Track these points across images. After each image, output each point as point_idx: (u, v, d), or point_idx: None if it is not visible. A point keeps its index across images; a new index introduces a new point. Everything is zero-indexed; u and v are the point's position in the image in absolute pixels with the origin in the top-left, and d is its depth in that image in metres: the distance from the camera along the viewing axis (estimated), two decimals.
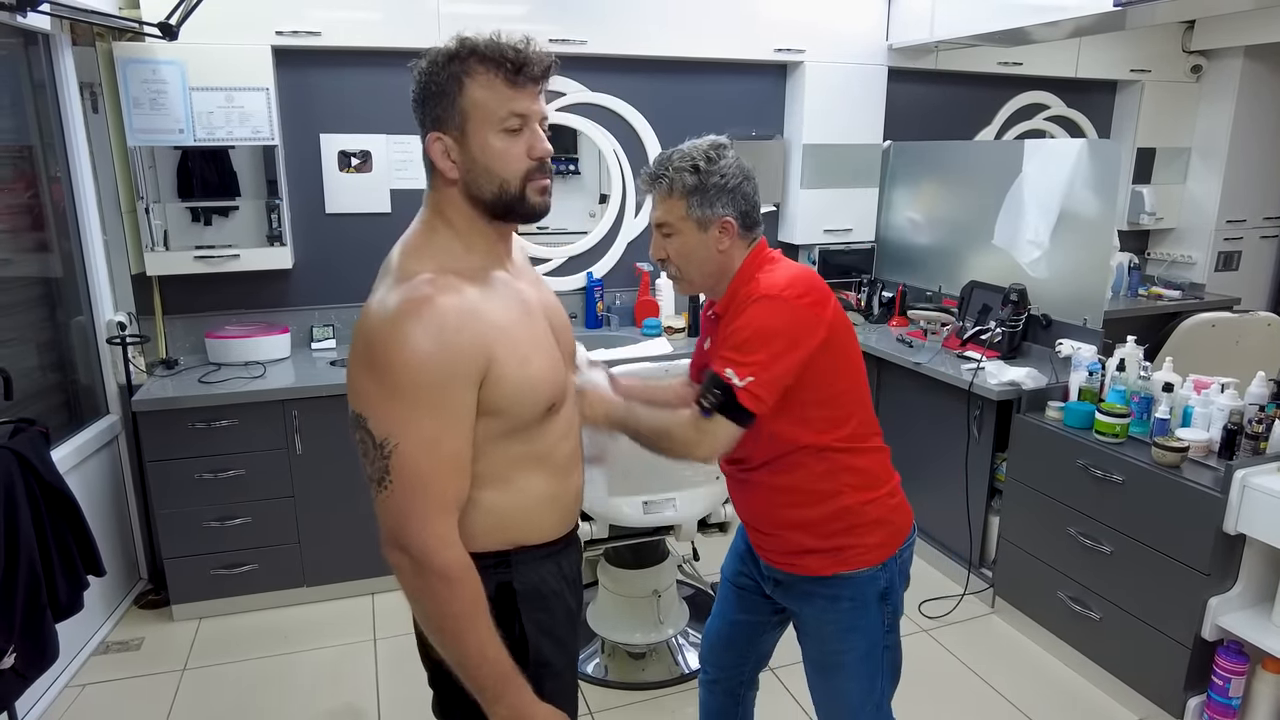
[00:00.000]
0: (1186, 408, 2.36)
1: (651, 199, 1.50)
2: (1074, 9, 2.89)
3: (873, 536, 1.51)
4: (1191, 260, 4.42)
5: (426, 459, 1.05)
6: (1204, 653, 2.18)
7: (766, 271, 1.46)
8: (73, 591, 2.11)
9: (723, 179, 1.44)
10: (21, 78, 2.62)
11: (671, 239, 1.48)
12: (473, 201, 1.13)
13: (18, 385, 2.12)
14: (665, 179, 1.45)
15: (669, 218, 1.47)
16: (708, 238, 1.46)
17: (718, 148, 1.47)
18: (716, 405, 1.38)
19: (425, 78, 1.10)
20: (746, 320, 1.39)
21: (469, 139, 1.10)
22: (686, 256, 1.48)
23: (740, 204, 1.46)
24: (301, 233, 3.19)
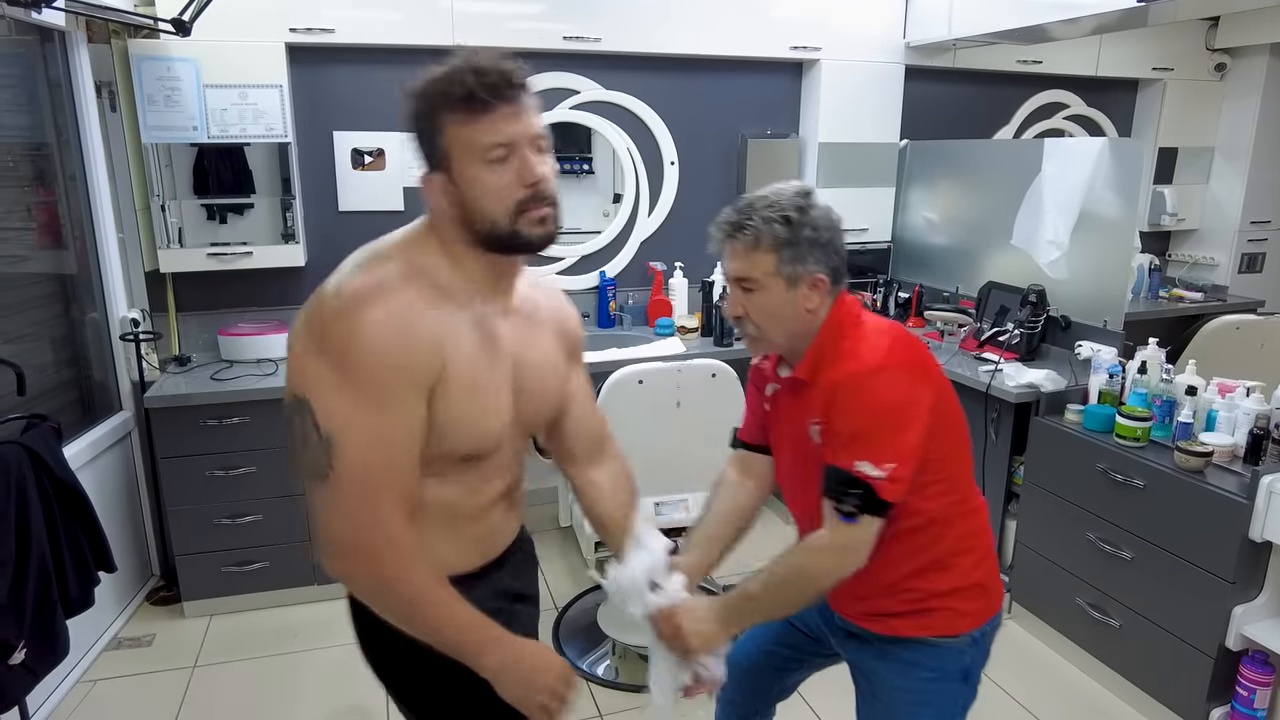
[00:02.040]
0: (1210, 411, 2.31)
1: (727, 250, 1.34)
2: (1095, 5, 2.84)
3: (970, 602, 1.39)
4: (1214, 262, 4.35)
5: (380, 454, 1.00)
6: (1228, 663, 2.13)
7: (858, 335, 1.33)
8: (84, 587, 2.11)
9: (815, 231, 1.30)
10: (38, 76, 2.63)
11: (753, 295, 1.32)
12: (470, 233, 1.07)
13: (31, 381, 2.13)
14: (750, 230, 1.29)
15: (754, 273, 1.31)
16: (795, 295, 1.31)
17: (806, 195, 1.32)
18: (860, 507, 1.24)
19: (409, 119, 1.06)
20: (865, 402, 1.26)
21: (457, 176, 1.04)
22: (771, 316, 1.33)
23: (832, 259, 1.32)
24: (314, 230, 3.19)
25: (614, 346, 3.18)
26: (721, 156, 3.67)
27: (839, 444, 1.27)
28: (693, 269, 3.61)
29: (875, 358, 1.28)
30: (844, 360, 1.30)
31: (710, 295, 3.47)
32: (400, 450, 1.02)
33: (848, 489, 1.25)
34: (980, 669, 1.45)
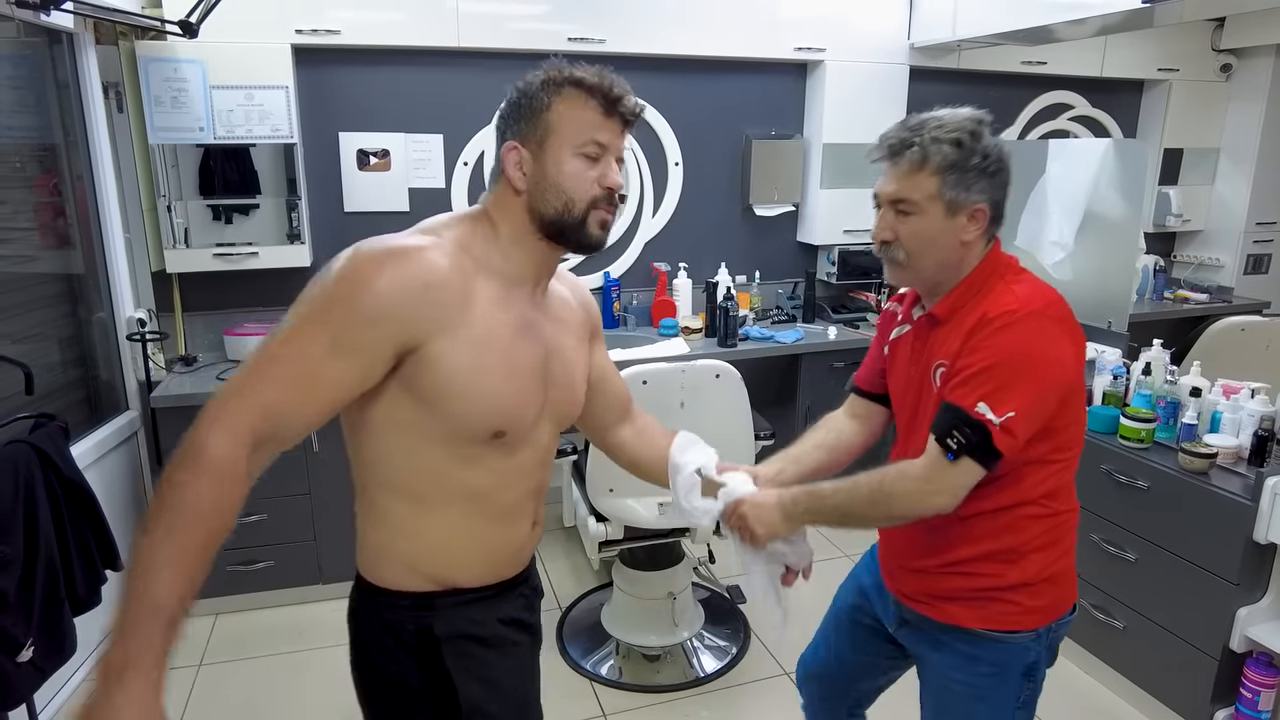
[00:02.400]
0: (1215, 413, 2.30)
1: (887, 168, 1.26)
2: (1100, 6, 2.84)
3: (1037, 598, 1.31)
4: (1219, 263, 4.34)
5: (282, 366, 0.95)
6: (1232, 664, 2.13)
7: (1017, 280, 1.25)
8: (91, 586, 2.12)
9: (984, 160, 1.23)
10: (46, 77, 2.64)
11: (909, 219, 1.24)
12: (533, 215, 1.09)
13: (39, 381, 2.14)
14: (917, 148, 1.22)
15: (914, 194, 1.23)
16: (954, 224, 1.23)
17: (981, 122, 1.25)
18: (967, 447, 1.16)
19: (519, 92, 1.10)
20: (1004, 342, 1.17)
21: (545, 154, 1.08)
22: (925, 242, 1.24)
23: (997, 192, 1.26)
24: (320, 231, 3.20)
25: (618, 347, 3.19)
26: (726, 157, 3.67)
27: (962, 379, 1.19)
28: (697, 270, 3.62)
29: (1034, 303, 1.20)
30: (997, 299, 1.22)
31: (714, 296, 3.48)
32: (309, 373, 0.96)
33: (960, 425, 1.17)
34: (1046, 665, 1.37)
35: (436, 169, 3.27)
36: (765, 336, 3.41)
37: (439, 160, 3.26)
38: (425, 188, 3.26)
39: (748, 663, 2.62)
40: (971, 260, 1.28)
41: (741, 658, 2.64)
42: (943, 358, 1.27)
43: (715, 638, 2.71)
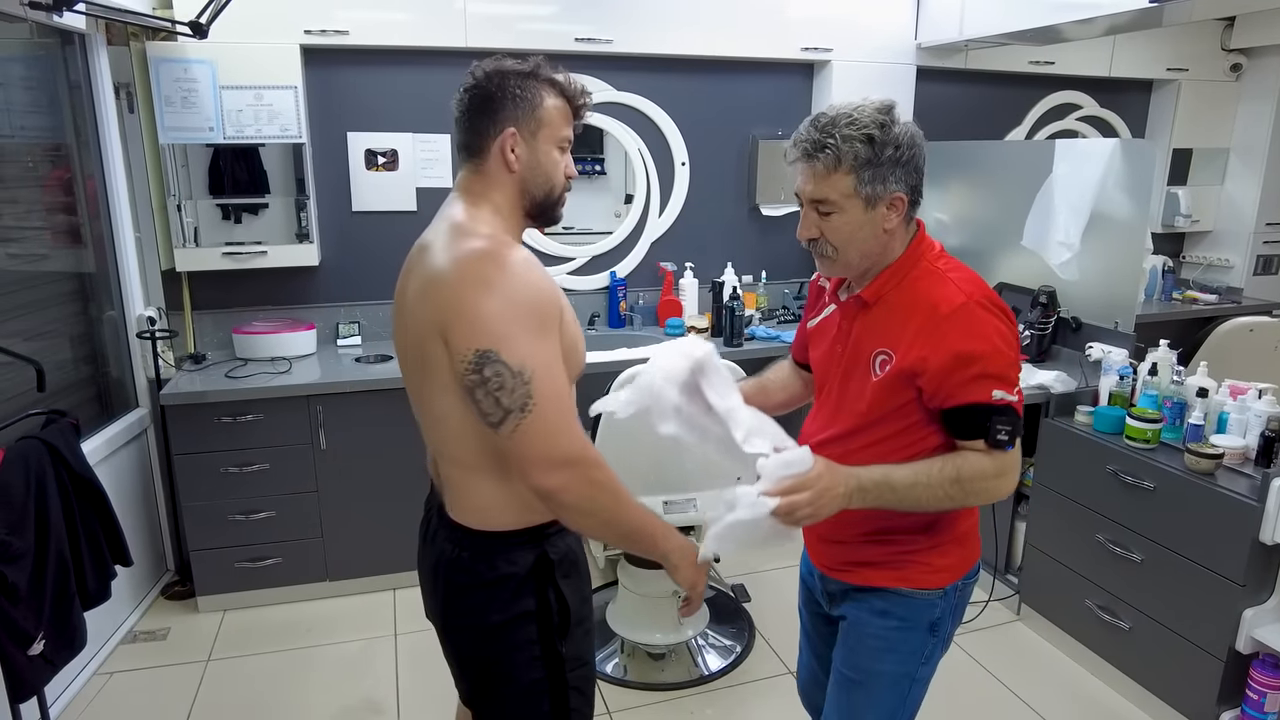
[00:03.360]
0: (1222, 414, 2.30)
1: (803, 170, 1.29)
2: (1108, 6, 2.83)
3: (944, 558, 1.40)
4: (1229, 264, 4.31)
5: (559, 378, 1.16)
6: (1238, 666, 2.12)
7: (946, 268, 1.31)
8: (101, 581, 2.15)
9: (897, 150, 1.25)
10: (58, 78, 2.67)
11: (831, 218, 1.29)
12: (523, 194, 1.27)
13: (51, 378, 2.16)
14: (831, 150, 1.24)
15: (831, 194, 1.27)
16: (874, 215, 1.28)
17: (888, 111, 1.27)
18: (1013, 432, 1.26)
19: (505, 83, 1.24)
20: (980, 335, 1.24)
21: (537, 144, 1.26)
22: (848, 237, 1.29)
23: (912, 177, 1.29)
24: (328, 230, 3.22)
25: (624, 346, 3.20)
26: (732, 157, 3.67)
27: (967, 379, 1.24)
28: (703, 269, 3.62)
29: (977, 293, 1.27)
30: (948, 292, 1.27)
31: (720, 295, 3.48)
32: (563, 372, 1.18)
33: (996, 419, 1.24)
34: (952, 623, 1.46)
35: (444, 169, 3.28)
36: (771, 336, 3.42)
37: (446, 160, 3.28)
38: (433, 187, 3.28)
39: (752, 661, 2.63)
40: (896, 246, 1.34)
41: (746, 656, 2.65)
42: (884, 346, 1.31)
43: (720, 636, 2.71)
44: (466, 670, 1.34)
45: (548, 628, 1.27)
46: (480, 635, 1.28)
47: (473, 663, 1.31)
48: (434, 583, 1.34)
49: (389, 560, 3.00)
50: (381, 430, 2.84)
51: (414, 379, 1.26)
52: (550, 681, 1.29)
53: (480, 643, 1.28)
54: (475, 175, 1.28)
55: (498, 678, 1.29)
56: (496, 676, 1.29)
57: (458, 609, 1.29)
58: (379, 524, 2.95)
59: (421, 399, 1.26)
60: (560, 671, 1.29)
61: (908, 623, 1.41)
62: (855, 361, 1.36)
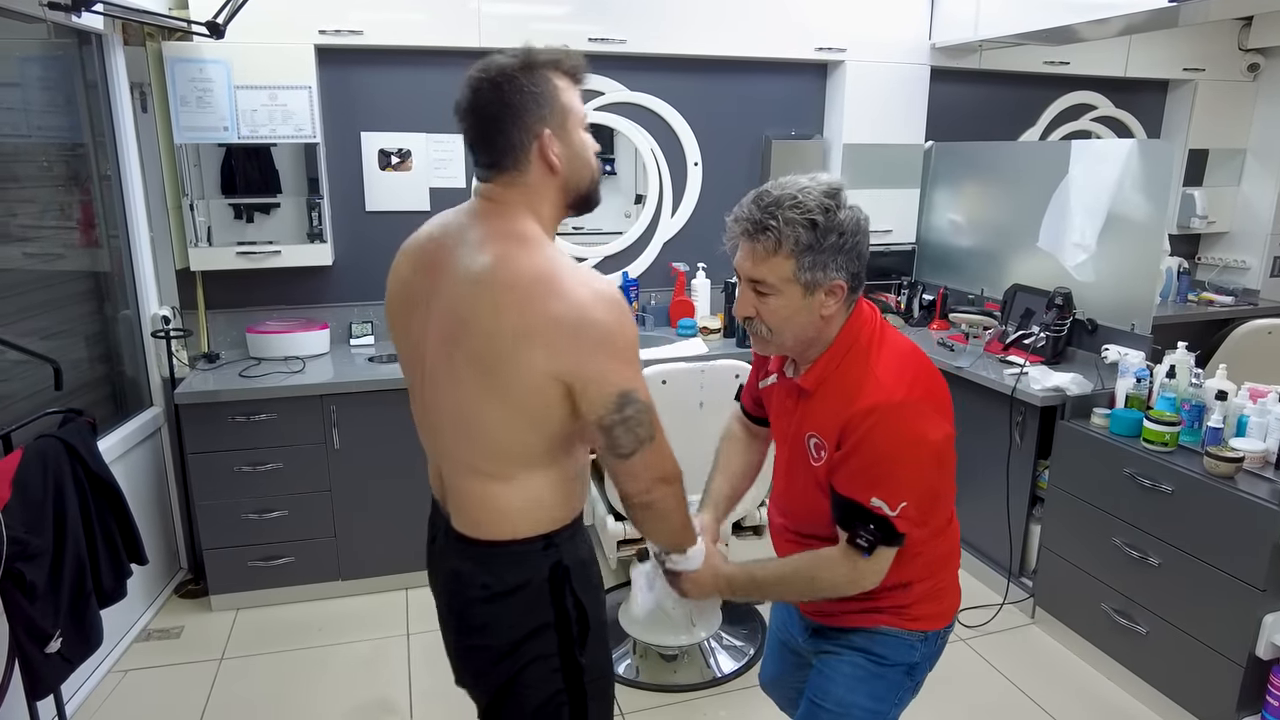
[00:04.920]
0: (1241, 417, 2.28)
1: (744, 248, 1.27)
2: (1124, 6, 2.81)
3: (924, 610, 1.41)
4: (1245, 265, 4.28)
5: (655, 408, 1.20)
6: (1258, 671, 2.10)
7: (879, 357, 1.28)
8: (117, 579, 2.15)
9: (840, 237, 1.21)
10: (75, 78, 2.68)
11: (768, 299, 1.26)
12: (567, 192, 1.23)
13: (67, 377, 2.17)
14: (772, 232, 1.21)
15: (770, 276, 1.24)
16: (812, 301, 1.24)
17: (834, 195, 1.23)
18: (876, 541, 1.24)
19: (517, 85, 1.16)
20: (886, 437, 1.21)
21: (569, 134, 1.20)
22: (784, 320, 1.26)
23: (854, 264, 1.25)
24: (341, 230, 3.23)
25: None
26: (745, 157, 3.67)
27: (853, 475, 1.24)
28: (715, 270, 3.61)
29: (900, 391, 1.23)
30: (865, 386, 1.24)
31: (733, 296, 3.47)
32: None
33: (864, 524, 1.24)
34: (926, 670, 1.45)
35: (457, 169, 3.29)
36: None
37: (460, 160, 3.28)
38: (446, 187, 3.28)
39: None
40: (832, 330, 1.30)
41: (759, 658, 2.63)
42: (814, 430, 1.32)
43: (732, 638, 2.70)
44: (484, 685, 1.30)
45: (567, 638, 1.26)
46: (498, 649, 1.25)
47: (491, 678, 1.28)
48: (448, 602, 1.32)
49: (401, 560, 3.00)
50: (394, 430, 2.84)
51: (452, 392, 1.20)
52: (570, 693, 1.27)
53: (498, 657, 1.25)
54: (511, 186, 1.20)
55: (517, 692, 1.26)
56: (516, 691, 1.26)
57: (474, 625, 1.27)
58: (391, 524, 2.96)
59: (465, 414, 1.19)
60: (579, 681, 1.28)
61: (886, 661, 1.40)
62: (797, 444, 1.37)
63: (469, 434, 1.21)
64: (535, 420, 1.17)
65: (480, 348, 1.14)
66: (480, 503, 1.24)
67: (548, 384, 1.13)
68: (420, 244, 1.29)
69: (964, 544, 3.15)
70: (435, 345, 1.21)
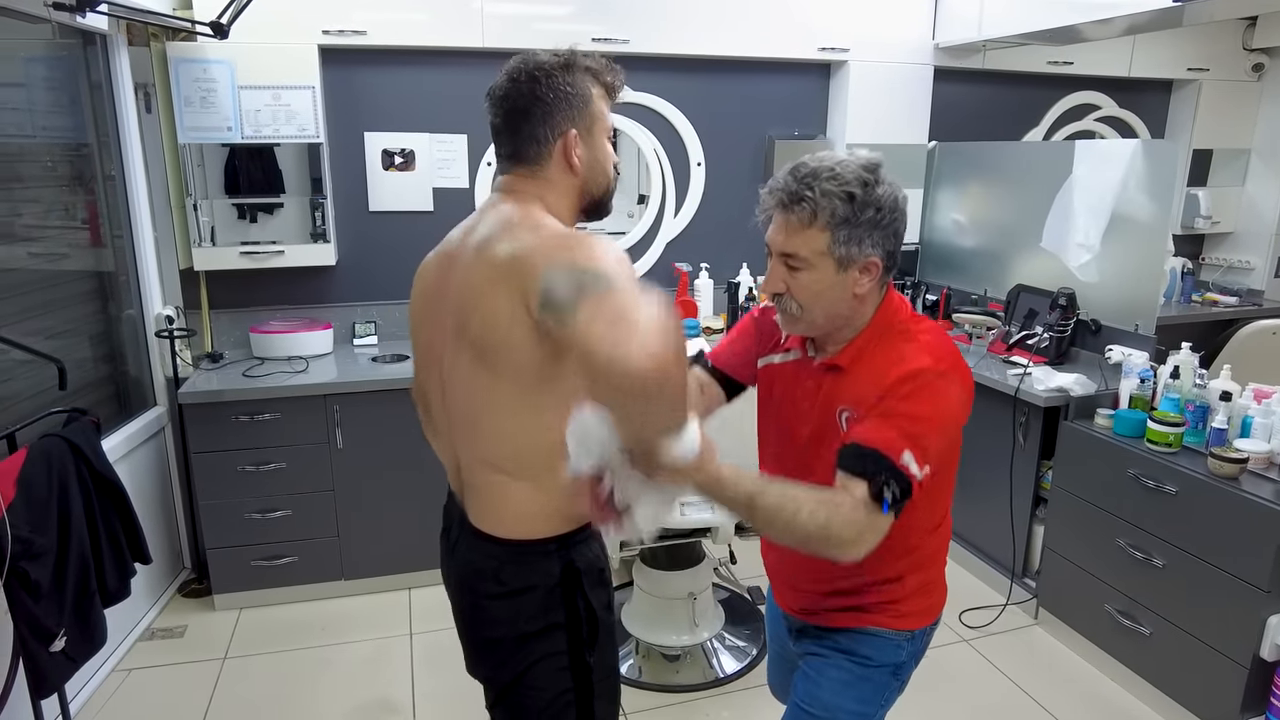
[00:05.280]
0: (1246, 418, 2.27)
1: (778, 219, 1.22)
2: (1128, 6, 2.80)
3: (912, 607, 1.39)
4: (1250, 265, 4.27)
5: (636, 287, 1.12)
6: (1263, 673, 2.10)
7: (919, 330, 1.25)
8: (121, 578, 2.16)
9: (878, 213, 1.18)
10: (79, 78, 2.69)
11: (799, 274, 1.21)
12: (583, 195, 1.26)
13: (71, 376, 2.17)
14: (808, 203, 1.17)
15: (804, 249, 1.19)
16: (845, 278, 1.20)
17: (873, 170, 1.20)
18: (901, 501, 1.14)
19: (553, 82, 1.19)
20: (930, 401, 1.17)
21: (593, 140, 1.24)
22: (816, 296, 1.21)
23: (890, 242, 1.21)
24: (345, 230, 3.23)
25: None
26: (748, 158, 3.66)
27: (890, 428, 1.16)
28: (718, 270, 3.61)
29: (945, 363, 1.21)
30: (911, 354, 1.20)
31: (736, 296, 3.47)
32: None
33: (891, 479, 1.13)
34: (912, 668, 1.43)
35: (460, 169, 3.29)
36: None
37: (463, 160, 3.28)
38: (449, 187, 3.29)
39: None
40: (866, 311, 1.26)
41: (762, 659, 2.63)
42: (849, 404, 1.25)
43: (735, 638, 2.70)
44: (493, 677, 1.32)
45: (576, 638, 1.26)
46: (508, 646, 1.26)
47: (500, 671, 1.29)
48: (460, 595, 1.32)
49: (405, 559, 3.00)
50: (398, 430, 2.84)
51: (461, 382, 1.19)
52: (578, 692, 1.28)
53: (508, 653, 1.26)
54: (530, 179, 1.22)
55: (525, 688, 1.27)
56: (524, 687, 1.27)
57: (486, 620, 1.28)
58: (395, 523, 2.96)
59: (470, 404, 1.19)
60: (588, 681, 1.28)
61: (872, 663, 1.37)
62: (826, 422, 1.29)
63: (483, 430, 1.21)
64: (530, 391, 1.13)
65: (478, 326, 1.13)
66: (498, 501, 1.24)
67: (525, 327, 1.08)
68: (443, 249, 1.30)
69: (968, 545, 3.15)
70: (450, 343, 1.21)
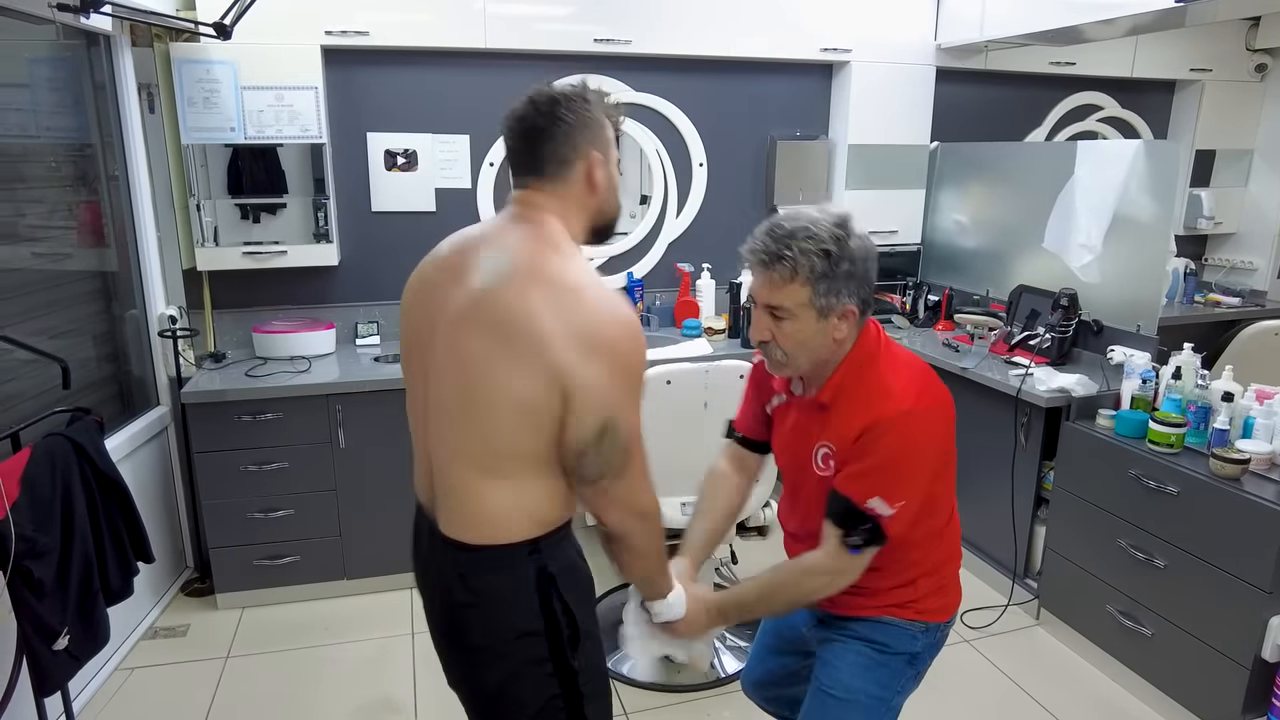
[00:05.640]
0: (1248, 418, 2.27)
1: (760, 276, 1.34)
2: (1131, 6, 2.80)
3: (929, 604, 1.48)
4: (1253, 266, 4.26)
5: (643, 440, 1.22)
6: (1264, 674, 2.10)
7: (889, 368, 1.36)
8: (124, 577, 2.17)
9: (852, 265, 1.29)
10: (83, 79, 2.70)
11: (784, 323, 1.33)
12: (599, 216, 1.32)
13: (74, 376, 2.18)
14: (788, 261, 1.28)
15: (787, 302, 1.31)
16: (826, 325, 1.32)
17: (844, 225, 1.31)
18: (865, 542, 1.32)
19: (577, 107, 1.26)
20: (893, 442, 1.29)
21: (610, 166, 1.31)
22: (800, 344, 1.34)
23: (864, 290, 1.33)
24: (347, 230, 3.24)
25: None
26: (750, 158, 3.67)
27: (858, 477, 1.31)
28: (720, 270, 3.62)
29: (908, 399, 1.31)
30: (878, 396, 1.32)
31: (738, 297, 3.47)
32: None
33: (857, 522, 1.31)
34: (927, 661, 1.51)
35: (463, 169, 3.30)
36: None
37: (465, 161, 3.29)
38: (452, 188, 3.29)
39: None
40: (845, 349, 1.38)
41: None
42: (828, 440, 1.38)
43: (736, 638, 2.70)
44: (476, 691, 1.29)
45: (558, 643, 1.25)
46: (487, 656, 1.24)
47: (483, 683, 1.27)
48: (434, 606, 1.32)
49: (406, 559, 2.93)
50: (400, 430, 2.83)
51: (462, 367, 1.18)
52: (566, 698, 1.27)
53: (489, 665, 1.25)
54: (550, 195, 1.26)
55: (512, 698, 1.25)
56: (511, 697, 1.25)
57: (462, 630, 1.26)
58: (396, 523, 2.95)
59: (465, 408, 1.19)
60: (574, 685, 1.28)
61: (889, 650, 1.46)
62: (806, 453, 1.43)
63: (468, 434, 1.19)
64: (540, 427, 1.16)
65: (500, 317, 1.14)
66: (471, 503, 1.22)
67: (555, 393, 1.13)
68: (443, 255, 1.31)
69: (969, 545, 3.15)
70: (447, 333, 1.20)
